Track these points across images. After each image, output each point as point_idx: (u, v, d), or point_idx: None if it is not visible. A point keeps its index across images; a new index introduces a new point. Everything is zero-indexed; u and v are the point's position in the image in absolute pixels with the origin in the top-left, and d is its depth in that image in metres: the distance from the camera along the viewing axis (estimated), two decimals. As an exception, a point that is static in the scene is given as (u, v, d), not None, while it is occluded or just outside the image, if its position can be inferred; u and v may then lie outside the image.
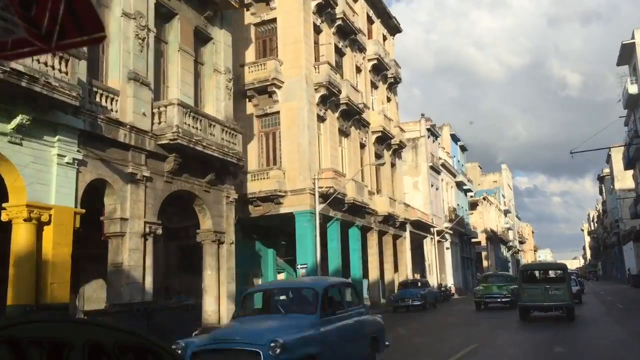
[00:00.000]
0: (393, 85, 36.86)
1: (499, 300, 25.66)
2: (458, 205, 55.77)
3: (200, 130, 16.35)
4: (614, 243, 77.24)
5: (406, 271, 35.84)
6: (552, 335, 15.23)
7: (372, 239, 30.62)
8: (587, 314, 21.83)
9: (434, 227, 42.91)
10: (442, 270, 46.81)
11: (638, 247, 57.31)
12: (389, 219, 32.15)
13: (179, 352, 7.03)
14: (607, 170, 77.75)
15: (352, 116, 28.52)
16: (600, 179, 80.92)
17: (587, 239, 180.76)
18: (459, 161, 58.57)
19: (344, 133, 28.27)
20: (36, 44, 1.24)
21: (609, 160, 71.36)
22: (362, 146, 30.69)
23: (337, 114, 27.15)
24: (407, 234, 36.57)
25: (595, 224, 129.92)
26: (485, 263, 71.26)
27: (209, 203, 17.80)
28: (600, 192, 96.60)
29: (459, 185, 56.19)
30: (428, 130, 45.94)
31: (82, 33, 1.28)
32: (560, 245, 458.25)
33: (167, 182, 15.90)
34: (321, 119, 25.84)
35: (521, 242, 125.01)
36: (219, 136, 17.25)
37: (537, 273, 21.53)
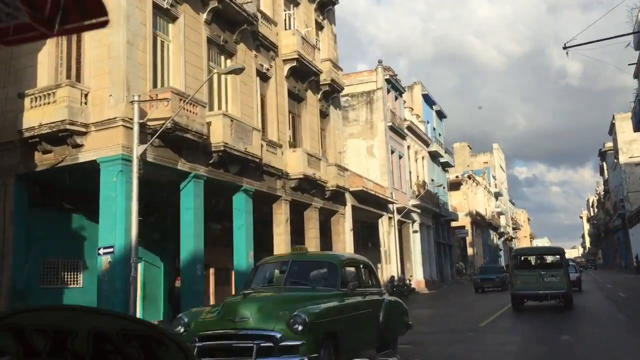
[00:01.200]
0: (326, 8, 27.18)
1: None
2: (433, 181, 46.25)
3: None
4: (618, 227, 67.83)
5: (345, 259, 26.27)
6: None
7: (280, 212, 21.05)
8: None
9: (393, 202, 33.36)
10: (407, 259, 37.34)
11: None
12: (311, 186, 22.62)
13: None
14: (609, 145, 68.31)
15: (238, 25, 18.84)
16: (602, 155, 71.38)
17: (587, 226, 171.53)
18: (434, 129, 48.92)
19: (222, 49, 18.58)
20: (38, 28, 1.25)
21: (612, 130, 61.83)
22: (264, 77, 21.04)
23: (204, 15, 17.47)
24: (347, 210, 27.00)
25: (596, 209, 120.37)
26: (470, 250, 61.77)
27: None
28: (601, 172, 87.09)
29: (434, 156, 46.59)
30: (388, 82, 36.28)
31: (85, 17, 1.29)
32: (560, 235, 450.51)
33: None
34: (169, 15, 16.18)
35: (515, 229, 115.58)
36: None
37: (531, 258, 20.42)
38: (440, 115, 51.60)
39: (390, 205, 33.42)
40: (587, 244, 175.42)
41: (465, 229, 55.56)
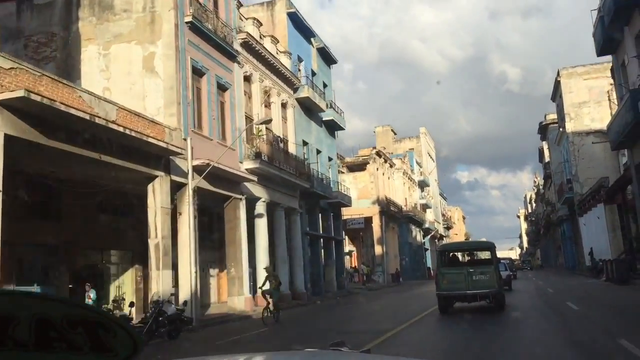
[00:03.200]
0: None
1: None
2: (308, 144, 31.24)
3: None
4: (562, 218, 54.92)
5: None
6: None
7: None
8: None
9: (172, 151, 17.80)
10: (232, 259, 21.92)
11: (613, 210, 34.31)
12: None
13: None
14: (552, 116, 55.46)
15: None
16: (543, 130, 58.37)
17: (524, 226, 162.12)
18: (314, 74, 33.80)
19: None
20: None
21: (556, 94, 48.64)
22: None
23: None
24: None
25: (534, 204, 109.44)
26: (378, 249, 47.12)
27: None
28: (541, 157, 74.94)
29: (308, 108, 31.52)
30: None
31: None
32: (498, 237, 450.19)
33: None
34: None
35: (447, 228, 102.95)
36: None
37: (458, 255, 19.23)
38: (326, 56, 36.43)
39: (180, 162, 17.94)
40: (525, 244, 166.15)
41: (360, 219, 40.41)
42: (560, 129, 45.58)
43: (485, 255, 18.48)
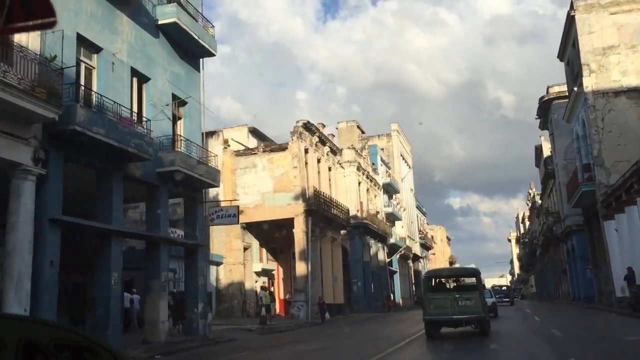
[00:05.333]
0: None
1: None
2: (101, 51, 15.98)
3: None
4: (571, 230, 39.66)
5: None
6: None
7: None
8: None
9: None
10: None
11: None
12: None
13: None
14: (556, 89, 40.67)
15: None
16: (543, 109, 43.09)
17: (516, 250, 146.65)
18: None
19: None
20: None
21: (565, 46, 33.90)
22: None
23: None
24: None
25: (527, 223, 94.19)
26: (301, 267, 31.34)
27: None
28: (538, 159, 60.12)
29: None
30: None
31: (31, 17, 1.27)
32: (490, 264, 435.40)
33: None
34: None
35: (427, 247, 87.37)
36: None
37: (444, 281, 19.23)
38: None
39: None
40: (517, 270, 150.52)
41: (232, 209, 24.19)
42: (575, 89, 30.51)
43: (471, 281, 18.56)
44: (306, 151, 33.63)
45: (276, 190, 31.41)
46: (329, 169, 38.75)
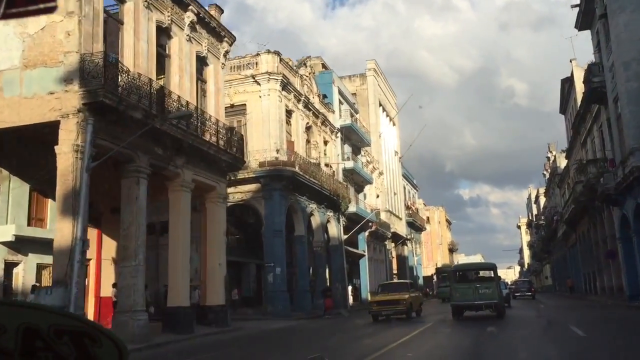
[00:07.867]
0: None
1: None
2: None
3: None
4: (628, 183, 22.42)
5: None
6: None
7: None
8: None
9: None
10: None
11: None
12: None
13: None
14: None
15: None
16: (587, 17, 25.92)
17: (526, 237, 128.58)
18: None
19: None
20: None
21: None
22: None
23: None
24: None
25: (544, 197, 76.41)
26: (63, 228, 14.19)
27: None
28: (564, 102, 42.82)
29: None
30: None
31: (32, 2, 1.26)
32: (498, 255, 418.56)
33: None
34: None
35: (417, 228, 69.96)
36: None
37: (468, 273, 22.65)
38: None
39: None
40: (527, 260, 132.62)
41: None
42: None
43: (488, 273, 21.84)
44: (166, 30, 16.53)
45: (28, 65, 14.45)
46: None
